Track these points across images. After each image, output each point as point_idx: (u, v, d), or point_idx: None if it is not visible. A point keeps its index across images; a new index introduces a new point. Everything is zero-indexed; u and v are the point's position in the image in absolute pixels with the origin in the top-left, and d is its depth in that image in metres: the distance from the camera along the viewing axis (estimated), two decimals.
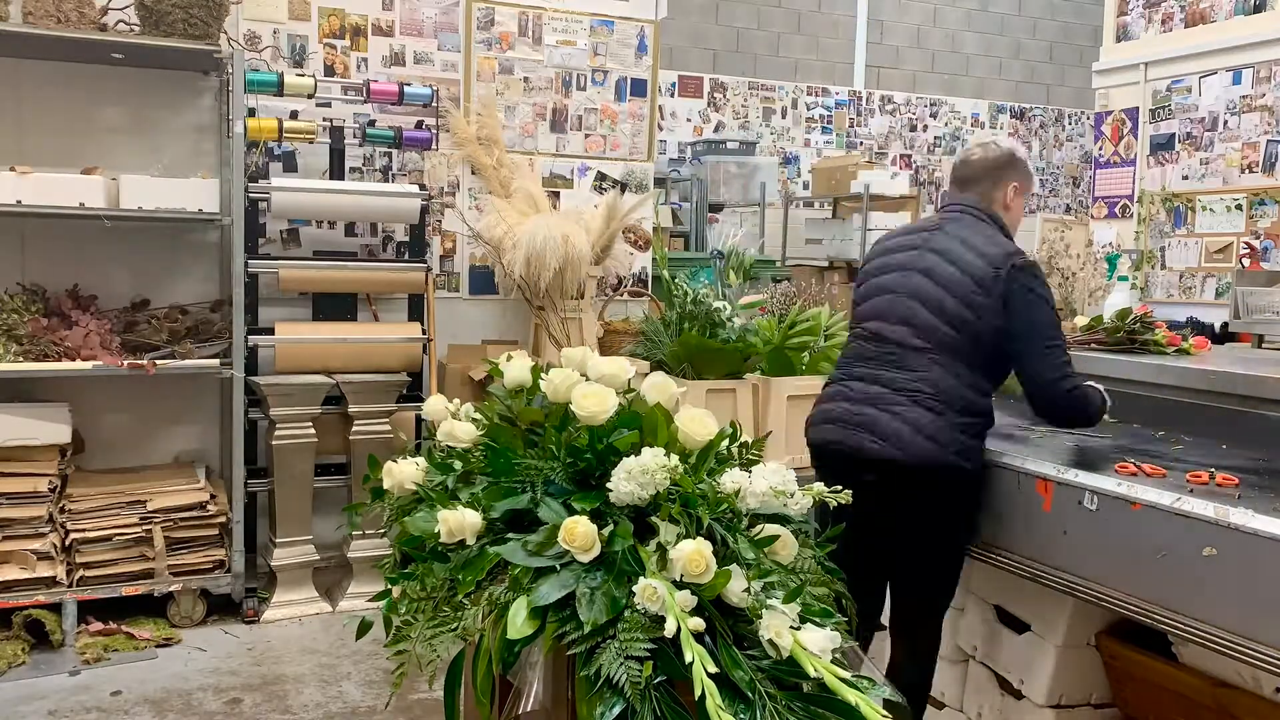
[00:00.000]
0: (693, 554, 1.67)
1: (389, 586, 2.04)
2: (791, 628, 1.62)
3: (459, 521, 1.89)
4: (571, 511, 1.84)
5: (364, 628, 2.14)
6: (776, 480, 1.87)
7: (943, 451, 2.43)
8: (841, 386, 2.64)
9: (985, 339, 2.48)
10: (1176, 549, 2.02)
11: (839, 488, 1.93)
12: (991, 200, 2.67)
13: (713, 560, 1.67)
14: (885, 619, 3.22)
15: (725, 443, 2.06)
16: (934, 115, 9.26)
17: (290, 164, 4.56)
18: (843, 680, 1.56)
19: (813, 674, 1.56)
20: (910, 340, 2.53)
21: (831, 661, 1.60)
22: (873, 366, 2.58)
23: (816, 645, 1.59)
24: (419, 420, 4.29)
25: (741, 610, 1.68)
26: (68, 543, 3.78)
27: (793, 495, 1.88)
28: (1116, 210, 6.82)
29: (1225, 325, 5.51)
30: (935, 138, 9.29)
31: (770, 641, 1.60)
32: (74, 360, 3.79)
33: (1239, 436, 2.60)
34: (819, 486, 1.96)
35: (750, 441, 2.10)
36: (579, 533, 1.75)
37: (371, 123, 4.58)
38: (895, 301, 2.59)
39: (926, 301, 2.53)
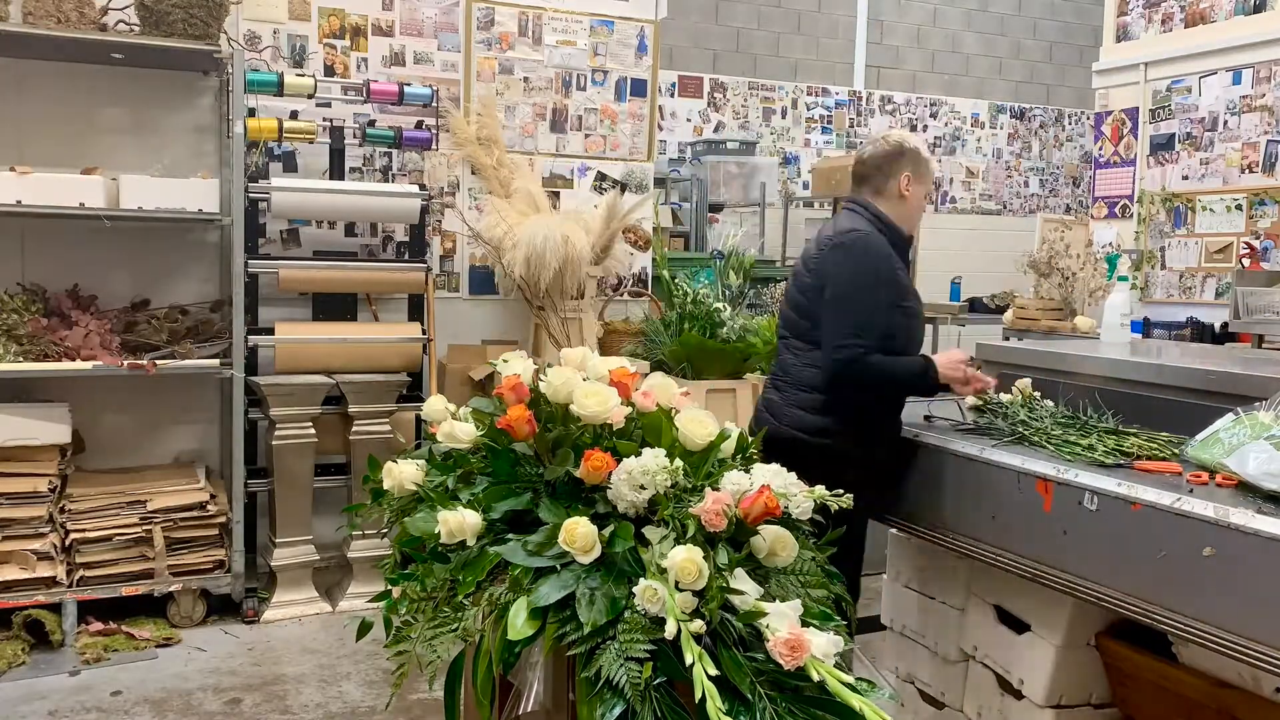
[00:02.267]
0: (684, 562, 1.66)
1: (389, 587, 2.04)
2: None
3: (459, 522, 1.89)
4: (571, 511, 1.84)
5: (364, 629, 2.14)
6: (777, 482, 1.87)
7: (779, 426, 2.70)
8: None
9: (818, 317, 2.69)
10: (1176, 549, 2.02)
11: (839, 490, 1.94)
12: (884, 193, 2.78)
13: (705, 566, 1.67)
14: (885, 618, 3.21)
15: (727, 446, 2.06)
16: (934, 115, 9.26)
17: (290, 164, 4.56)
18: (845, 684, 1.56)
19: (816, 678, 1.56)
20: (780, 333, 2.89)
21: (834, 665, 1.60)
22: (771, 361, 3.00)
23: (819, 649, 1.59)
24: (419, 420, 4.29)
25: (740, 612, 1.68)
26: (68, 543, 3.78)
27: (793, 497, 1.88)
28: (1116, 210, 6.82)
29: (1225, 325, 5.51)
30: (935, 138, 9.28)
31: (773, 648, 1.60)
32: (74, 360, 3.79)
33: None
34: (820, 489, 1.97)
35: (751, 451, 2.10)
36: (579, 534, 1.75)
37: (371, 123, 4.58)
38: (781, 304, 2.93)
39: (788, 294, 2.86)
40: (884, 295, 2.66)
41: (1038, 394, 2.94)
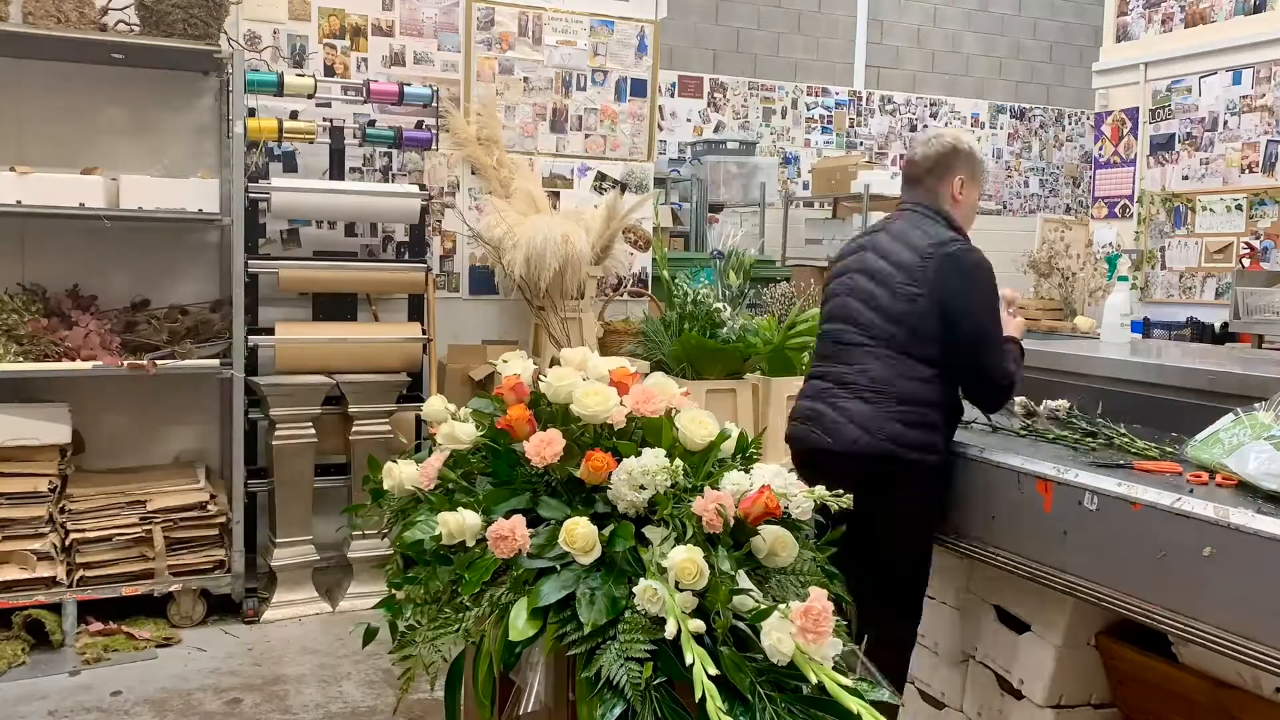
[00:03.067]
0: (684, 562, 1.66)
1: (391, 591, 2.04)
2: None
3: (459, 524, 1.89)
4: (571, 511, 1.84)
5: (369, 635, 2.14)
6: (777, 482, 1.87)
7: (873, 440, 2.52)
8: (805, 385, 2.78)
9: (923, 329, 2.55)
10: (1176, 549, 2.02)
11: (839, 491, 1.93)
12: (938, 196, 2.70)
13: (705, 567, 1.67)
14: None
15: (727, 446, 2.06)
16: (934, 115, 9.26)
17: (290, 164, 4.56)
18: (844, 687, 1.56)
19: (814, 681, 1.56)
20: (851, 337, 2.65)
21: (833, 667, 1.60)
22: (826, 364, 2.70)
23: (818, 652, 1.59)
24: (419, 420, 4.29)
25: (741, 613, 1.68)
26: (68, 543, 3.78)
27: (794, 497, 1.88)
28: (1116, 210, 6.82)
29: (1225, 325, 5.51)
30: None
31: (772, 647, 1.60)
32: (74, 360, 3.79)
33: None
34: (820, 489, 1.97)
35: (751, 450, 2.10)
36: (579, 534, 1.75)
37: (371, 123, 4.58)
38: (839, 303, 2.72)
39: (865, 298, 2.65)
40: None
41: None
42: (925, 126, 9.23)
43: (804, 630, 1.58)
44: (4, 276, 4.07)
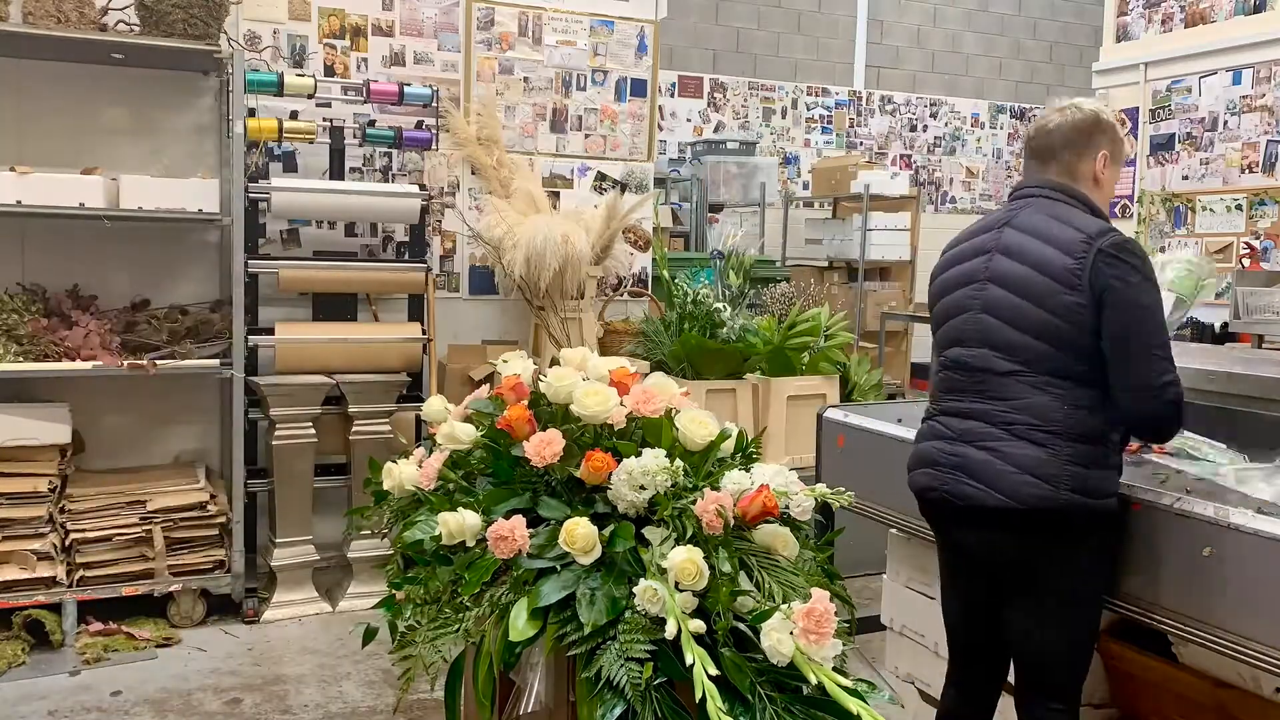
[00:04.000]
0: (684, 563, 1.67)
1: (391, 591, 2.04)
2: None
3: (459, 524, 1.89)
4: (571, 511, 1.84)
5: (369, 635, 2.14)
6: (777, 481, 1.87)
7: (1055, 492, 2.06)
8: (934, 424, 2.29)
9: (1084, 345, 2.09)
10: (1176, 549, 2.02)
11: (841, 487, 1.93)
12: (1077, 175, 2.25)
13: (705, 568, 1.67)
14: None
15: (727, 445, 2.06)
16: (934, 115, 9.26)
17: (290, 164, 4.56)
18: (844, 688, 1.56)
19: (814, 681, 1.56)
20: (996, 364, 2.16)
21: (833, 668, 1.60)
22: (964, 399, 2.21)
23: (819, 652, 1.59)
24: (419, 420, 4.29)
25: (741, 613, 1.68)
26: (68, 543, 3.78)
27: (794, 496, 1.88)
28: (1117, 210, 6.82)
29: (1225, 325, 5.51)
30: (935, 138, 9.29)
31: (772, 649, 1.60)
32: (74, 360, 3.79)
33: (1239, 436, 2.60)
34: (821, 487, 1.96)
35: (753, 449, 2.09)
36: (579, 534, 1.75)
37: (371, 123, 4.58)
38: (972, 321, 2.22)
39: (1005, 314, 2.16)
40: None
41: None
42: (925, 127, 9.24)
43: (806, 631, 1.58)
44: (4, 276, 4.07)
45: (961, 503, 2.16)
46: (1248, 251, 5.86)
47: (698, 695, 1.52)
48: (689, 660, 1.56)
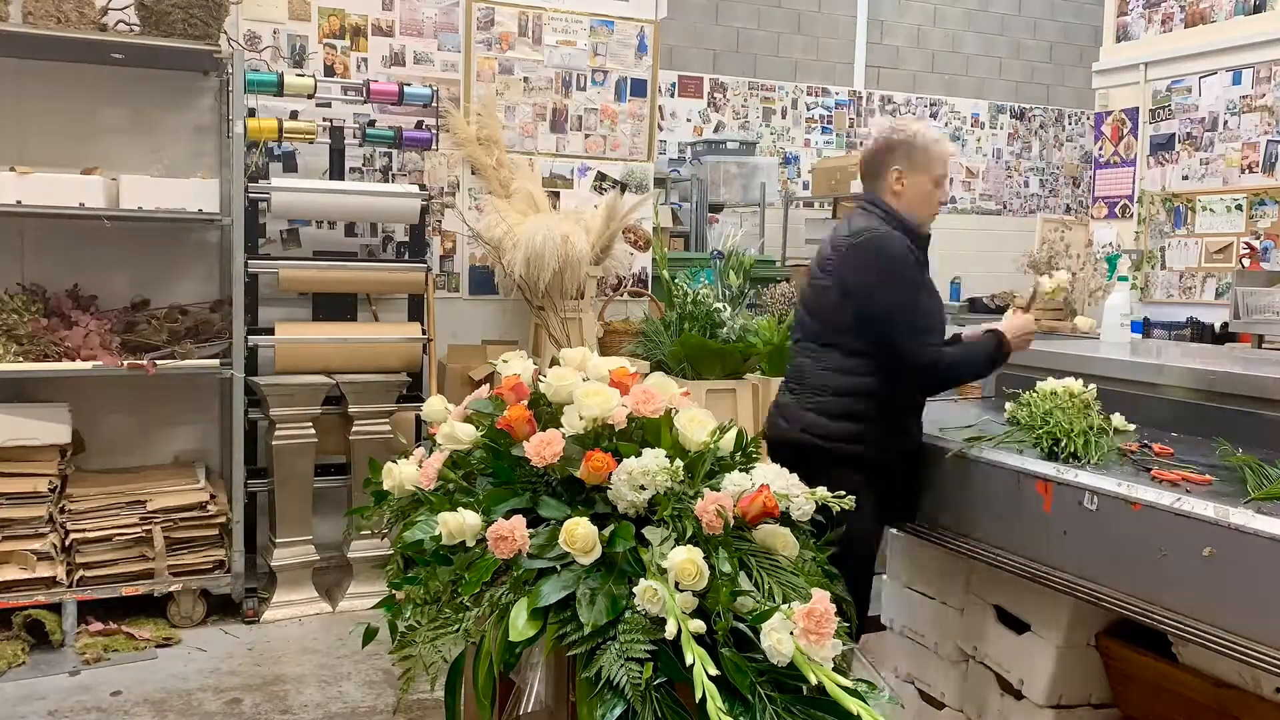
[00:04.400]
0: (684, 563, 1.67)
1: (391, 591, 2.04)
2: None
3: (459, 524, 1.89)
4: (572, 511, 1.84)
5: (369, 635, 2.14)
6: (778, 484, 1.88)
7: (790, 428, 2.66)
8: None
9: (837, 320, 2.62)
10: (1176, 549, 2.02)
11: (842, 492, 1.94)
12: (880, 190, 2.72)
13: (705, 568, 1.67)
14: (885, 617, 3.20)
15: (722, 442, 2.06)
16: (934, 115, 9.26)
17: (290, 164, 4.56)
18: (844, 688, 1.56)
19: (814, 681, 1.56)
20: (793, 335, 2.83)
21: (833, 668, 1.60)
22: (789, 366, 2.84)
23: (819, 652, 1.59)
24: (419, 420, 4.29)
25: (742, 613, 1.68)
26: (68, 543, 3.78)
27: (794, 498, 1.88)
28: (1116, 210, 6.82)
29: (1225, 325, 5.51)
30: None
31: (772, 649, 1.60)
32: (74, 360, 3.79)
33: (1239, 437, 2.60)
34: (821, 490, 1.97)
35: (751, 447, 2.09)
36: (579, 534, 1.75)
37: (371, 123, 4.58)
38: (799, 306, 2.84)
39: (802, 296, 2.80)
40: (924, 289, 2.65)
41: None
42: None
43: (806, 631, 1.58)
44: (4, 276, 4.07)
45: (770, 437, 2.75)
46: (1248, 251, 5.86)
47: (698, 695, 1.52)
48: (689, 660, 1.56)
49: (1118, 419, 2.60)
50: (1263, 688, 2.19)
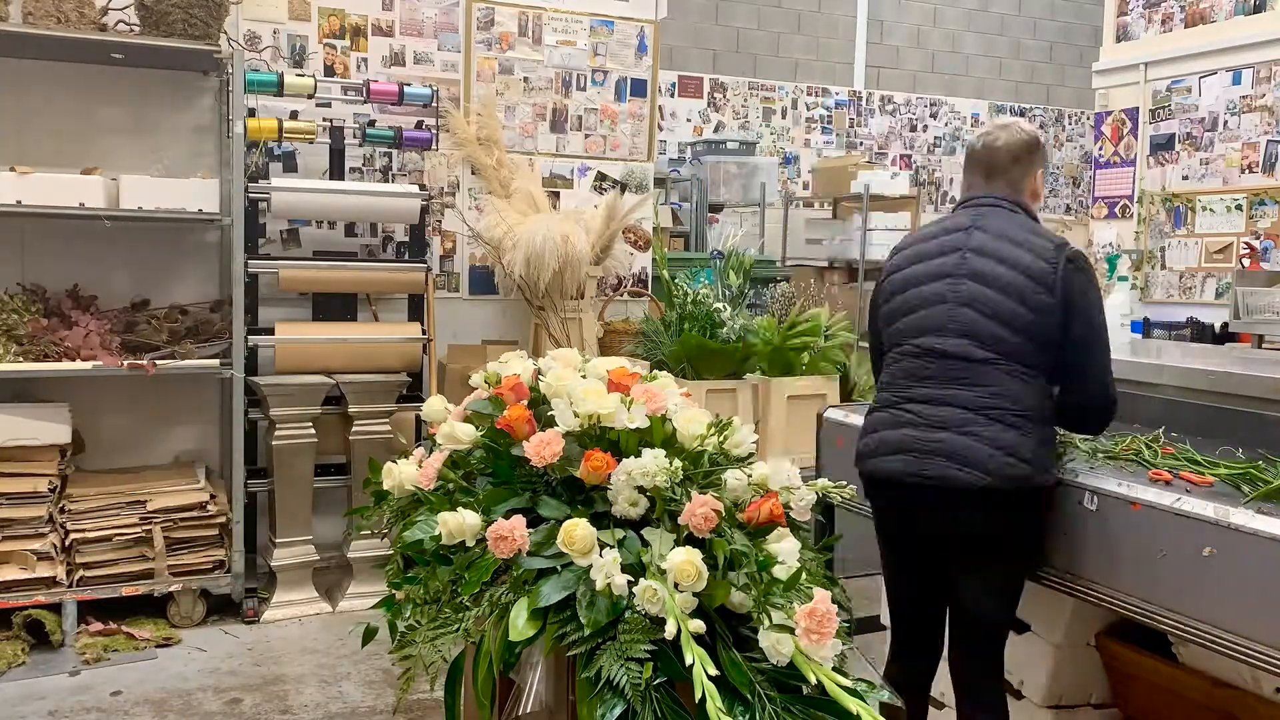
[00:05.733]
0: (683, 564, 1.66)
1: (391, 592, 2.03)
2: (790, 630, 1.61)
3: (459, 523, 1.89)
4: (572, 511, 1.84)
5: (369, 634, 2.14)
6: (781, 478, 1.87)
7: (1034, 471, 2.24)
8: (901, 411, 2.37)
9: (1049, 341, 2.29)
10: (1176, 549, 2.02)
11: (844, 483, 1.93)
12: (1020, 189, 2.46)
13: (704, 569, 1.67)
14: None
15: (713, 436, 2.05)
16: (934, 115, 9.26)
17: (290, 164, 4.56)
18: (844, 688, 1.56)
19: (814, 681, 1.56)
20: (975, 352, 2.30)
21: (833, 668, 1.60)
22: (936, 386, 2.32)
23: (819, 652, 1.59)
24: (419, 420, 4.29)
25: (742, 613, 1.68)
26: (68, 543, 3.78)
27: (795, 491, 1.88)
28: (1116, 210, 6.82)
29: (1225, 325, 5.51)
30: (935, 138, 9.29)
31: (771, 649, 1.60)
32: (74, 360, 3.79)
33: (1239, 437, 2.60)
34: (822, 481, 1.96)
35: (727, 430, 2.06)
36: (578, 535, 1.75)
37: (371, 123, 4.58)
38: (949, 312, 2.34)
39: (985, 308, 2.31)
40: None
41: None
42: (925, 127, 9.23)
43: (808, 631, 1.58)
44: (4, 276, 4.07)
45: (944, 485, 2.26)
46: (1248, 251, 5.86)
47: (697, 695, 1.52)
48: (689, 660, 1.56)
49: None
50: (1263, 688, 2.19)
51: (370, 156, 4.72)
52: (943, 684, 2.94)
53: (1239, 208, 6.10)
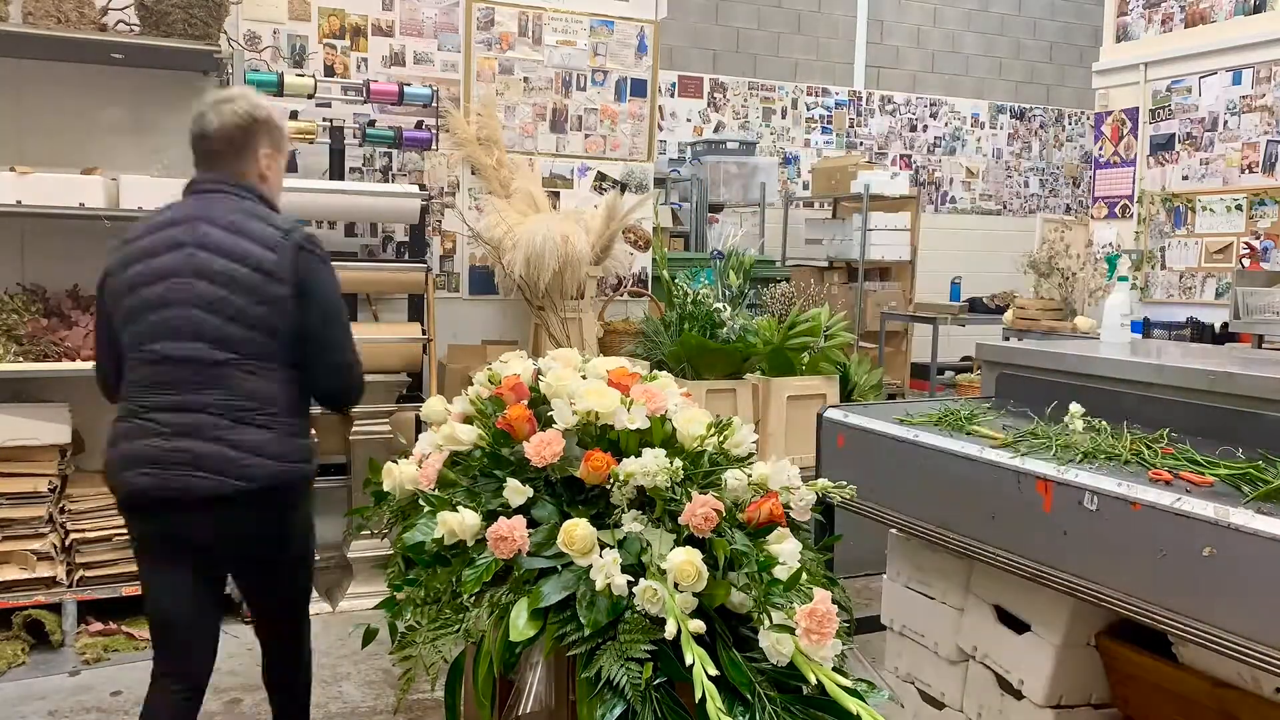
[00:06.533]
0: (683, 564, 1.67)
1: (392, 593, 2.03)
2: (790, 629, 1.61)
3: (459, 523, 1.89)
4: (568, 514, 1.84)
5: (369, 635, 2.14)
6: (781, 478, 1.88)
7: (287, 466, 2.29)
8: (143, 421, 2.27)
9: (286, 329, 2.28)
10: (1176, 549, 2.02)
11: (843, 482, 1.93)
12: (243, 174, 2.37)
13: (704, 569, 1.67)
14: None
15: (713, 436, 2.05)
16: (934, 115, 9.26)
17: (290, 164, 4.55)
18: (844, 688, 1.56)
19: (814, 681, 1.56)
20: (210, 355, 2.24)
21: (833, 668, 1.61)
22: (179, 392, 2.24)
23: (819, 652, 1.59)
24: (419, 420, 4.29)
25: (742, 613, 1.68)
26: (68, 543, 3.78)
27: (795, 490, 1.88)
28: (1116, 210, 6.82)
29: (1225, 325, 5.51)
30: (935, 138, 9.29)
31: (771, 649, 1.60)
32: (74, 360, 3.79)
33: (1239, 437, 2.60)
34: (822, 481, 1.96)
35: (727, 430, 2.07)
36: (577, 535, 1.75)
37: (371, 123, 4.58)
38: (180, 314, 2.26)
39: (214, 308, 2.24)
40: None
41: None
42: (925, 127, 9.23)
43: (808, 631, 1.58)
44: (4, 276, 4.07)
45: (192, 496, 2.21)
46: (1248, 251, 5.86)
47: (697, 695, 1.52)
48: (689, 660, 1.56)
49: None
50: (1263, 688, 2.19)
51: (370, 157, 4.73)
52: (943, 684, 2.95)
53: (1239, 208, 6.10)
